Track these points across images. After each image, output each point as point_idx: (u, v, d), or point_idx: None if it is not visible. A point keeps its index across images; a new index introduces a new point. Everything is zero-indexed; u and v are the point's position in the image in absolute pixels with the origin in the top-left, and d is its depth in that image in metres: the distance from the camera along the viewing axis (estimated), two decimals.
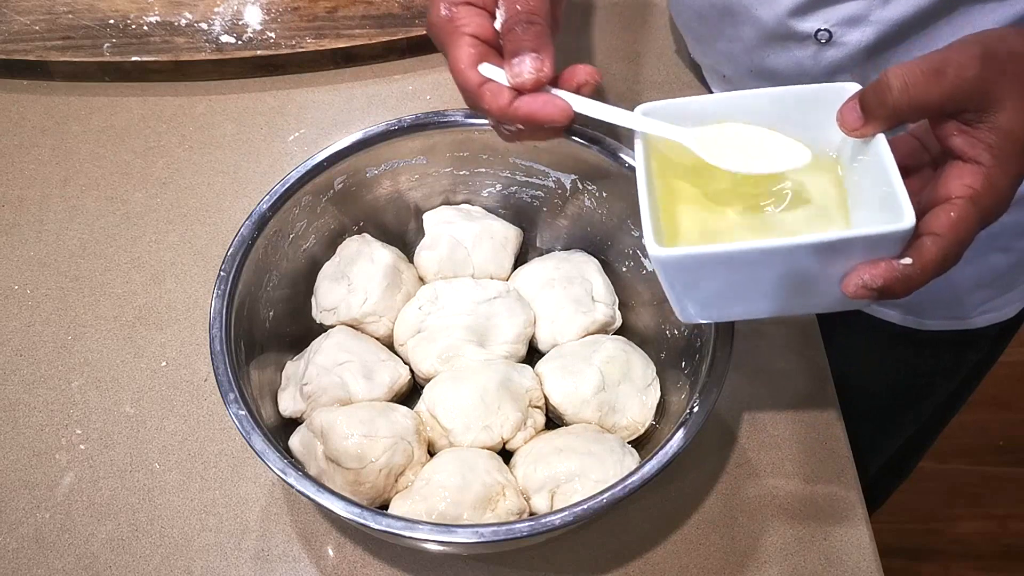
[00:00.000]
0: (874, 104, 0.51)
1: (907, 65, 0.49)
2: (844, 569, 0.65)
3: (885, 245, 0.49)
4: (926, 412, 1.04)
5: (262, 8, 0.95)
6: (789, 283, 0.52)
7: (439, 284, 0.72)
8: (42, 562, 0.66)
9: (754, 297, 0.54)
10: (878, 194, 0.51)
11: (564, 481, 0.62)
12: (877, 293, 0.49)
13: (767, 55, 0.76)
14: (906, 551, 1.60)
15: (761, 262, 0.50)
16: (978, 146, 0.49)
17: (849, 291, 0.49)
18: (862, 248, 0.49)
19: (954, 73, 0.48)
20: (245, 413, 0.59)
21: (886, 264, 0.48)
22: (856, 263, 0.49)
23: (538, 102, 0.56)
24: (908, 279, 0.49)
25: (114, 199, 0.85)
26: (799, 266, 0.50)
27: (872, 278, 0.48)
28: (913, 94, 0.49)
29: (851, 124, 0.52)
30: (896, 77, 0.49)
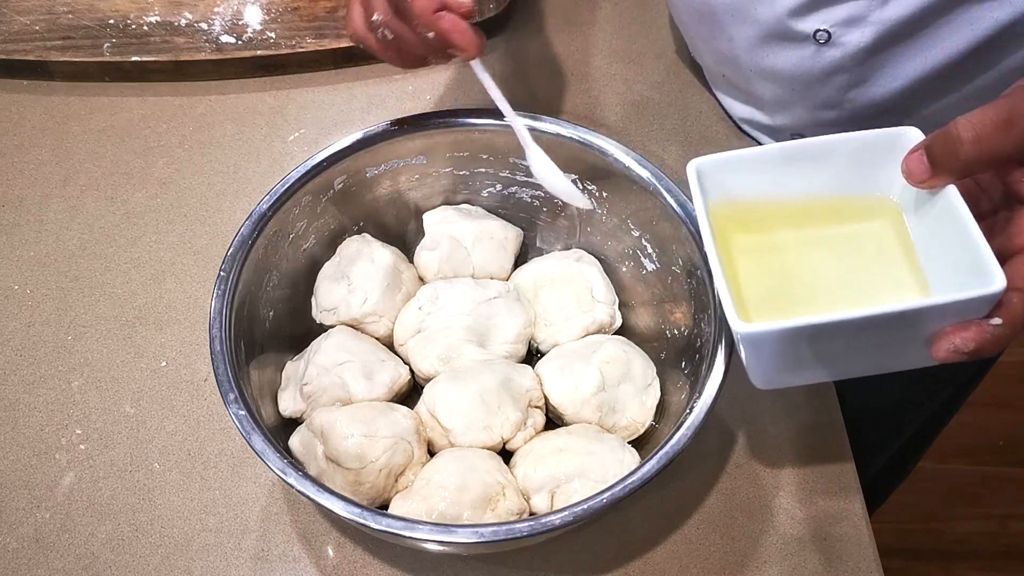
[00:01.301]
0: (944, 156, 0.50)
1: (977, 116, 0.48)
2: (844, 569, 0.65)
3: (975, 308, 0.48)
4: (926, 413, 1.04)
5: (262, 8, 0.95)
6: (873, 348, 0.51)
7: (439, 284, 0.72)
8: (42, 562, 0.66)
9: (837, 362, 0.53)
10: (953, 248, 0.50)
11: (564, 481, 0.62)
12: (968, 356, 0.48)
13: (766, 55, 0.76)
14: (906, 551, 1.60)
15: (848, 332, 0.49)
16: None
17: (940, 356, 0.49)
18: (952, 313, 0.48)
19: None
20: (245, 413, 0.59)
21: (976, 327, 0.48)
22: (943, 325, 0.49)
23: (461, 25, 0.60)
24: (999, 340, 0.48)
25: (114, 199, 0.85)
26: (886, 332, 0.50)
27: (964, 342, 0.48)
28: (985, 146, 0.48)
29: (919, 175, 0.51)
30: (967, 129, 0.48)
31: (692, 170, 0.56)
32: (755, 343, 0.51)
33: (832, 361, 0.53)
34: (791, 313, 0.50)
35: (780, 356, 0.52)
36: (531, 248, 0.78)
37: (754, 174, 0.57)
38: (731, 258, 0.56)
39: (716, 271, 0.52)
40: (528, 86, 0.93)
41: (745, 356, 0.53)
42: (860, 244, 0.55)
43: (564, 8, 1.00)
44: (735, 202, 0.57)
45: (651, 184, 0.69)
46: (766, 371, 0.54)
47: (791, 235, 0.57)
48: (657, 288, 0.72)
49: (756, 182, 0.57)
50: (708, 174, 0.56)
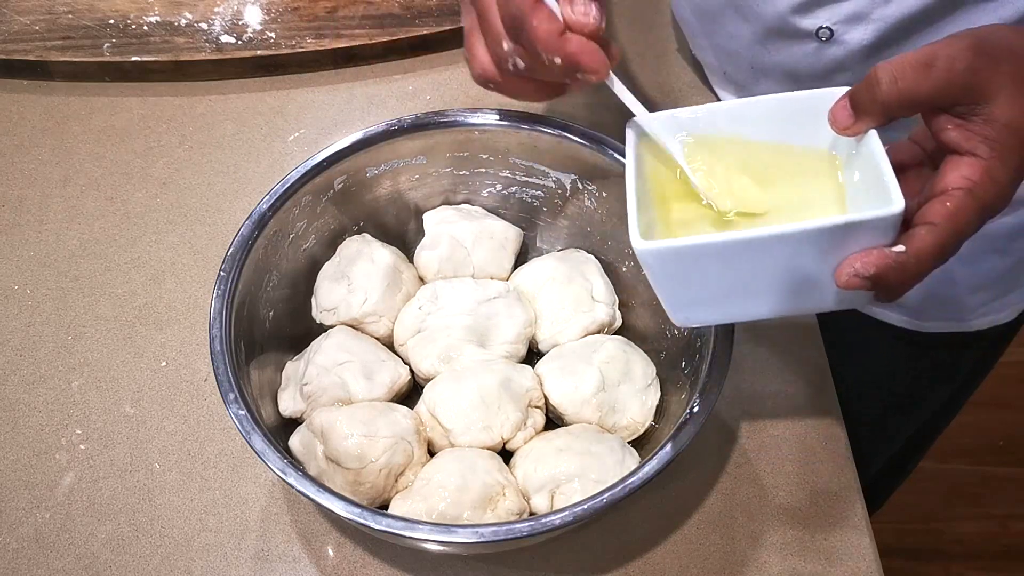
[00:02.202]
0: (864, 100, 0.50)
1: (896, 59, 0.49)
2: (844, 569, 0.65)
3: (876, 232, 0.48)
4: (926, 413, 1.04)
5: (262, 8, 0.95)
6: (780, 278, 0.51)
7: (439, 284, 0.72)
8: (42, 562, 0.66)
9: (745, 295, 0.53)
10: (872, 188, 0.51)
11: (564, 481, 0.62)
12: (870, 282, 0.48)
13: (768, 52, 0.76)
14: (906, 551, 1.60)
15: (747, 254, 0.49)
16: (974, 139, 0.49)
17: (841, 281, 0.49)
18: (852, 236, 0.48)
19: (944, 65, 0.48)
20: (245, 413, 0.59)
21: (878, 252, 0.48)
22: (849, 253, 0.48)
23: (589, 47, 0.55)
24: (902, 267, 0.48)
25: (114, 199, 0.85)
26: (788, 258, 0.49)
27: (864, 266, 0.48)
28: (902, 87, 0.49)
29: (842, 122, 0.52)
30: (884, 71, 0.49)
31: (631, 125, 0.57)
32: (652, 262, 0.51)
33: (736, 293, 0.53)
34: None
35: (681, 284, 0.52)
36: (531, 248, 0.78)
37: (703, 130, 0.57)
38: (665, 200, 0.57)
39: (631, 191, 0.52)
40: None
41: (652, 284, 0.53)
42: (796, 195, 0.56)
43: None
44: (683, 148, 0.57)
45: None
46: (670, 301, 0.54)
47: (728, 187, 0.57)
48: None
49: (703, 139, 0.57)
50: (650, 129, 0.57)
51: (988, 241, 0.79)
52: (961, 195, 0.48)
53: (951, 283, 0.83)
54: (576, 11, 0.55)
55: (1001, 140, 0.48)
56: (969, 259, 0.80)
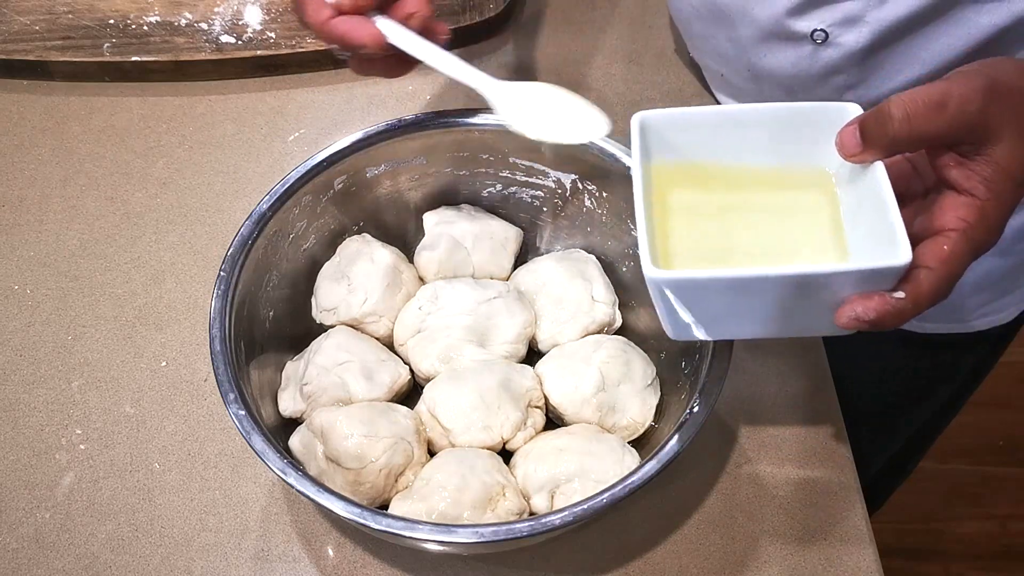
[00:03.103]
0: (874, 132, 0.51)
1: (909, 95, 0.49)
2: (844, 569, 0.65)
3: (880, 279, 0.49)
4: (926, 413, 1.04)
5: (262, 8, 0.95)
6: (782, 309, 0.52)
7: (439, 284, 0.72)
8: (42, 562, 0.66)
9: (745, 320, 0.54)
10: (874, 222, 0.52)
11: (564, 481, 0.62)
12: (869, 325, 0.49)
13: (764, 55, 0.76)
14: (906, 551, 1.60)
15: (757, 289, 0.50)
16: (973, 178, 0.49)
17: (841, 322, 0.50)
18: (857, 280, 0.49)
19: (956, 106, 0.48)
20: (245, 413, 0.59)
21: (879, 298, 0.49)
22: (851, 293, 0.50)
23: (350, 23, 0.58)
24: (900, 312, 0.49)
25: (114, 199, 0.85)
26: (794, 294, 0.51)
27: (865, 311, 0.49)
28: (914, 125, 0.49)
29: (850, 149, 0.52)
30: (898, 107, 0.49)
31: (636, 122, 0.57)
32: (664, 290, 0.52)
33: (742, 319, 0.54)
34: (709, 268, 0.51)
35: (688, 307, 0.53)
36: (531, 248, 0.78)
37: (700, 134, 0.57)
38: (666, 213, 0.57)
39: (640, 218, 0.53)
40: None
41: (657, 303, 0.54)
42: (792, 212, 0.56)
43: (564, 8, 1.00)
44: (678, 160, 0.58)
45: None
46: (671, 319, 0.55)
47: (728, 197, 0.58)
48: None
49: (701, 142, 0.58)
50: (653, 129, 0.57)
51: None
52: (956, 237, 0.49)
53: None
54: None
55: (998, 181, 0.49)
56: None
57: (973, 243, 0.49)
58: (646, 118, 0.57)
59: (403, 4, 0.60)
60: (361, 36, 0.59)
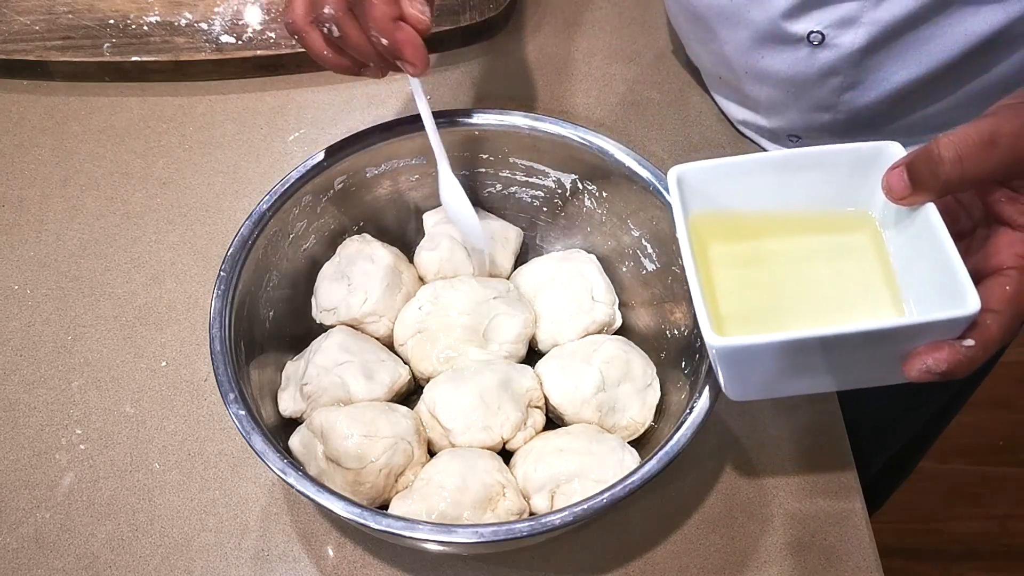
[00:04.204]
0: (925, 175, 0.49)
1: (959, 135, 0.48)
2: (844, 569, 0.65)
3: (948, 329, 0.48)
4: (926, 413, 1.04)
5: (262, 8, 0.95)
6: (848, 364, 0.51)
7: (439, 284, 0.72)
8: (42, 562, 0.66)
9: (809, 376, 0.53)
10: (931, 268, 0.50)
11: (564, 481, 0.62)
12: (940, 376, 0.48)
13: (760, 57, 0.76)
14: (906, 551, 1.60)
15: (821, 348, 0.49)
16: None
17: (912, 375, 0.49)
18: (925, 332, 0.48)
19: (1007, 143, 0.47)
20: (245, 413, 0.59)
21: (950, 348, 0.48)
22: (916, 345, 0.48)
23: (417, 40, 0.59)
24: (971, 361, 0.48)
25: (114, 199, 0.85)
26: (858, 350, 0.49)
27: (936, 363, 0.48)
28: (967, 167, 0.48)
29: (899, 192, 0.51)
30: (948, 148, 0.48)
31: (673, 178, 0.56)
32: (728, 357, 0.51)
33: (805, 376, 0.53)
34: (766, 327, 0.50)
35: (752, 370, 0.52)
36: (531, 248, 0.78)
37: (735, 183, 0.56)
38: (708, 268, 0.56)
39: (693, 285, 0.52)
40: (528, 86, 0.93)
41: (718, 369, 0.53)
42: (838, 259, 0.55)
43: (564, 8, 1.00)
44: (715, 211, 0.57)
45: (651, 184, 0.69)
46: (739, 384, 0.54)
47: (770, 247, 0.57)
48: (657, 288, 0.72)
49: (737, 192, 0.57)
50: (689, 181, 0.56)
51: None
52: (1017, 275, 0.48)
53: None
54: (415, 6, 0.59)
55: None
56: None
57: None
58: (682, 173, 0.56)
59: None
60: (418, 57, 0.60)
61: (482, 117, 0.72)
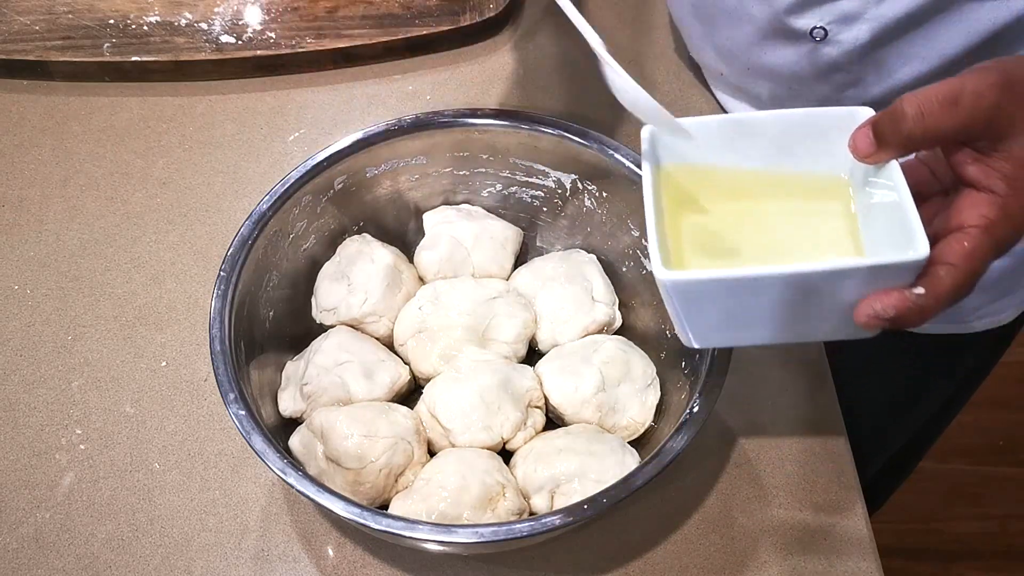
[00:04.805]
0: (888, 131, 0.50)
1: (923, 92, 0.48)
2: (844, 569, 0.65)
3: (898, 274, 0.48)
4: (926, 413, 1.04)
5: (262, 8, 0.95)
6: (798, 309, 0.51)
7: (439, 284, 0.72)
8: (42, 562, 0.66)
9: (760, 323, 0.53)
10: (890, 221, 0.51)
11: (564, 481, 0.62)
12: (889, 323, 0.48)
13: (763, 52, 0.76)
14: (906, 551, 1.60)
15: (772, 288, 0.50)
16: (993, 175, 0.49)
17: (861, 320, 0.49)
18: (875, 277, 0.48)
19: (970, 102, 0.48)
20: (245, 413, 0.59)
21: (899, 294, 0.48)
22: (868, 291, 0.49)
23: None
24: (921, 309, 0.48)
25: (114, 199, 0.85)
26: (810, 293, 0.50)
27: (884, 308, 0.48)
28: (928, 123, 0.48)
29: (864, 150, 0.52)
30: (911, 105, 0.48)
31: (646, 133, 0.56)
32: (679, 294, 0.51)
33: (753, 321, 0.53)
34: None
35: (703, 310, 0.52)
36: (531, 248, 0.78)
37: (710, 143, 0.57)
38: (678, 219, 0.57)
39: (650, 222, 0.52)
40: (528, 86, 0.93)
41: (671, 309, 0.53)
42: (806, 215, 0.56)
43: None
44: (691, 166, 0.57)
45: None
46: (692, 327, 0.54)
47: (740, 203, 0.57)
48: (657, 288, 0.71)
49: (712, 150, 0.57)
50: (664, 139, 0.57)
51: None
52: (977, 233, 0.48)
53: None
54: None
55: (1018, 177, 0.48)
56: None
57: (995, 239, 0.49)
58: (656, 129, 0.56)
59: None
60: None
61: (482, 117, 0.72)
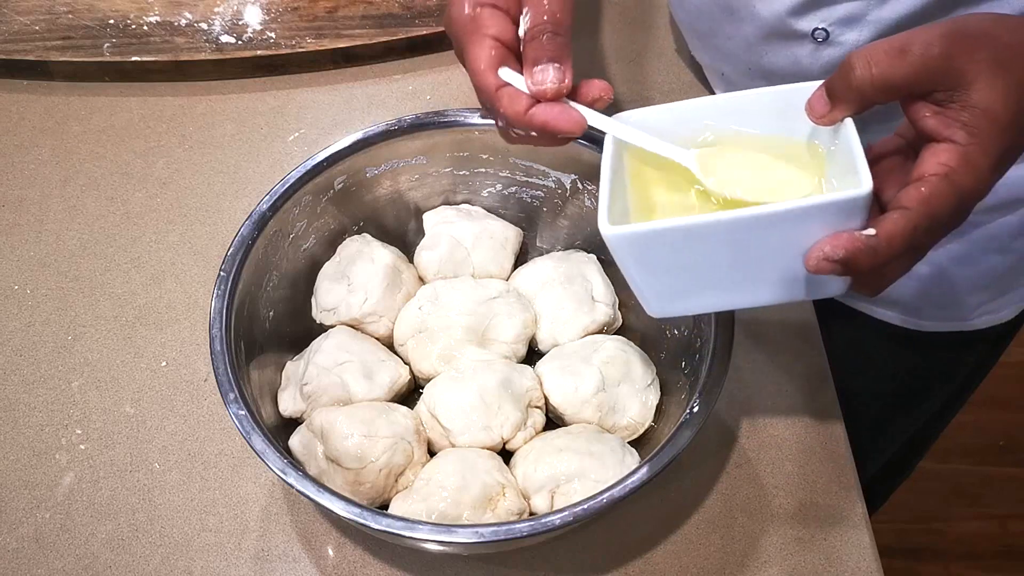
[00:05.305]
0: (839, 87, 0.50)
1: (871, 45, 0.48)
2: (844, 569, 0.65)
3: (844, 214, 0.47)
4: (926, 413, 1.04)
5: (262, 8, 0.95)
6: (750, 263, 0.50)
7: (439, 284, 0.72)
8: (42, 562, 0.66)
9: (716, 283, 0.52)
10: (846, 174, 0.50)
11: (564, 481, 0.62)
12: (840, 266, 0.47)
13: (765, 53, 0.76)
14: (906, 551, 1.60)
15: (717, 237, 0.49)
16: (952, 125, 0.48)
17: (810, 265, 0.48)
18: (819, 219, 0.47)
19: (919, 51, 0.47)
20: (245, 413, 0.59)
21: (848, 235, 0.47)
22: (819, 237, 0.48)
23: (554, 111, 0.56)
24: (873, 251, 0.47)
25: (114, 199, 0.85)
26: (758, 241, 0.49)
27: (833, 249, 0.47)
28: (876, 72, 0.48)
29: (819, 111, 0.51)
30: (858, 57, 0.48)
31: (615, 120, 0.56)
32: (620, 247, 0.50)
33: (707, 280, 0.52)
34: None
35: (656, 268, 0.52)
36: (531, 248, 0.78)
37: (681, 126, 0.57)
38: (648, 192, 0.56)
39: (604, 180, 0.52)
40: None
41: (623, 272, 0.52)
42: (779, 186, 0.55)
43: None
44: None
45: None
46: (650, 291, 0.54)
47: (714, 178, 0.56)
48: None
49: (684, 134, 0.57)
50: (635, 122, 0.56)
51: (989, 240, 0.79)
52: (936, 180, 0.48)
53: (950, 282, 0.82)
54: (536, 80, 0.56)
55: (980, 126, 0.48)
56: (969, 259, 0.80)
57: (957, 186, 0.48)
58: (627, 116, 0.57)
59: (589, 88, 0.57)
60: (567, 124, 0.56)
61: (482, 117, 0.72)
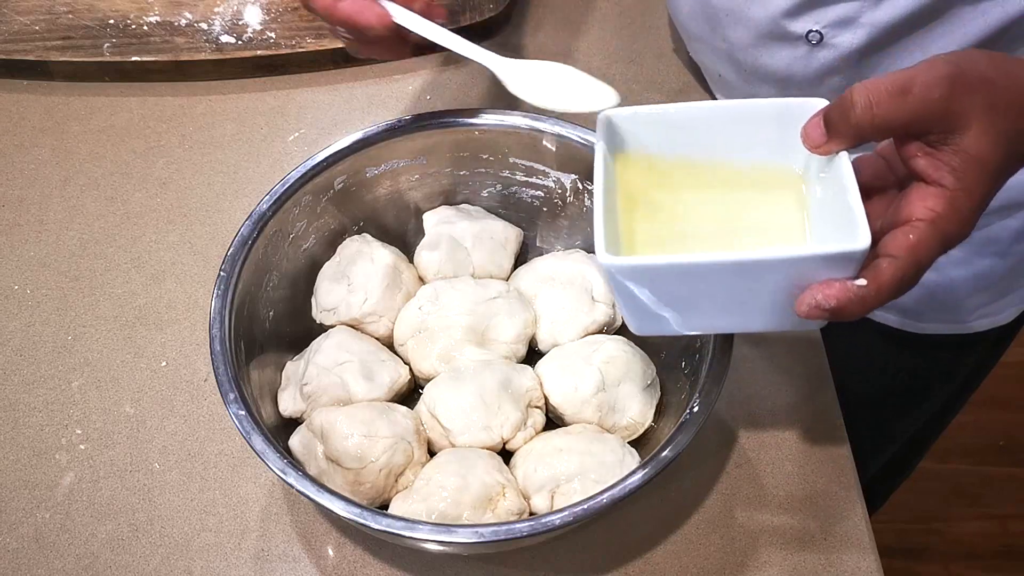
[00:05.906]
0: (838, 121, 0.50)
1: (873, 83, 0.49)
2: (844, 569, 0.65)
3: (840, 265, 0.48)
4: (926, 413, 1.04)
5: (262, 8, 0.95)
6: (741, 299, 0.51)
7: (439, 284, 0.72)
8: (42, 562, 0.66)
9: (705, 312, 0.53)
10: (837, 212, 0.51)
11: (564, 481, 0.62)
12: (830, 314, 0.48)
13: (760, 55, 0.76)
14: (906, 551, 1.60)
15: (714, 275, 0.50)
16: (942, 168, 0.48)
17: (802, 311, 0.49)
18: (816, 267, 0.48)
19: (920, 93, 0.48)
20: (245, 413, 0.59)
21: (840, 285, 0.48)
22: (810, 282, 0.49)
23: (357, 5, 0.59)
24: (862, 300, 0.48)
25: (114, 199, 0.85)
26: (752, 282, 0.50)
27: (825, 298, 0.48)
28: (877, 112, 0.48)
29: (814, 140, 0.52)
30: (860, 95, 0.48)
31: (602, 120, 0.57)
32: (617, 277, 0.51)
33: (697, 310, 0.53)
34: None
35: (647, 295, 0.52)
36: (531, 248, 0.78)
37: (668, 132, 0.57)
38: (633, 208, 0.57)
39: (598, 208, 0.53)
40: None
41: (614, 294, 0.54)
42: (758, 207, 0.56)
43: (564, 8, 1.00)
44: (648, 156, 0.58)
45: None
46: (638, 314, 0.54)
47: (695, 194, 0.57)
48: None
49: (669, 140, 0.57)
50: (621, 126, 0.57)
51: (989, 244, 0.79)
52: (924, 227, 0.48)
53: (950, 286, 0.83)
54: None
55: (968, 171, 0.48)
56: (968, 262, 0.80)
57: (942, 233, 0.48)
58: (613, 116, 0.57)
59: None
60: (368, 17, 0.59)
61: (482, 117, 0.72)
